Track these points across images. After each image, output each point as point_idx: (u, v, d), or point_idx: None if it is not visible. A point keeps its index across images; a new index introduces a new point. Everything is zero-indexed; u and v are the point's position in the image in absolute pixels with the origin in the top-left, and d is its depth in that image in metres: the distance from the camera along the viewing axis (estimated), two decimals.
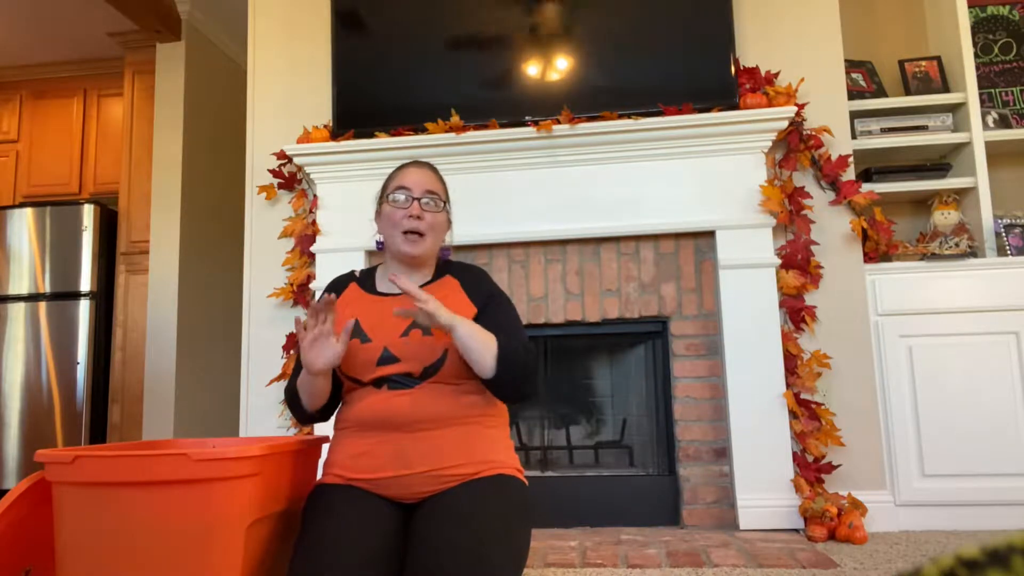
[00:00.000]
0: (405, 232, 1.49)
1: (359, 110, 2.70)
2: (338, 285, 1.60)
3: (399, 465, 1.38)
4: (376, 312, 1.49)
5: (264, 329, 2.70)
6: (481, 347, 1.36)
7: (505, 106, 2.61)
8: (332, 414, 1.57)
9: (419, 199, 1.50)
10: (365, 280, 1.60)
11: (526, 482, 1.48)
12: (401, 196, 1.50)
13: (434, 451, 1.38)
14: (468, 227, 2.53)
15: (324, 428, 2.52)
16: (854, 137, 2.67)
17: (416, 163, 1.59)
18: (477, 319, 1.49)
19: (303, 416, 1.52)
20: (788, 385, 2.39)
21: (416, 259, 1.51)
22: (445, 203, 1.56)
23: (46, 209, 3.80)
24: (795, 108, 2.42)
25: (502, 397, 1.45)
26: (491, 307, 1.51)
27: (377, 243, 1.59)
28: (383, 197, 1.55)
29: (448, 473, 1.38)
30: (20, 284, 3.74)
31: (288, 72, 2.84)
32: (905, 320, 2.42)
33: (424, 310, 1.33)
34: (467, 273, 1.58)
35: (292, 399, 1.52)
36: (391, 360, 1.42)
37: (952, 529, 2.33)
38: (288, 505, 1.43)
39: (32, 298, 3.72)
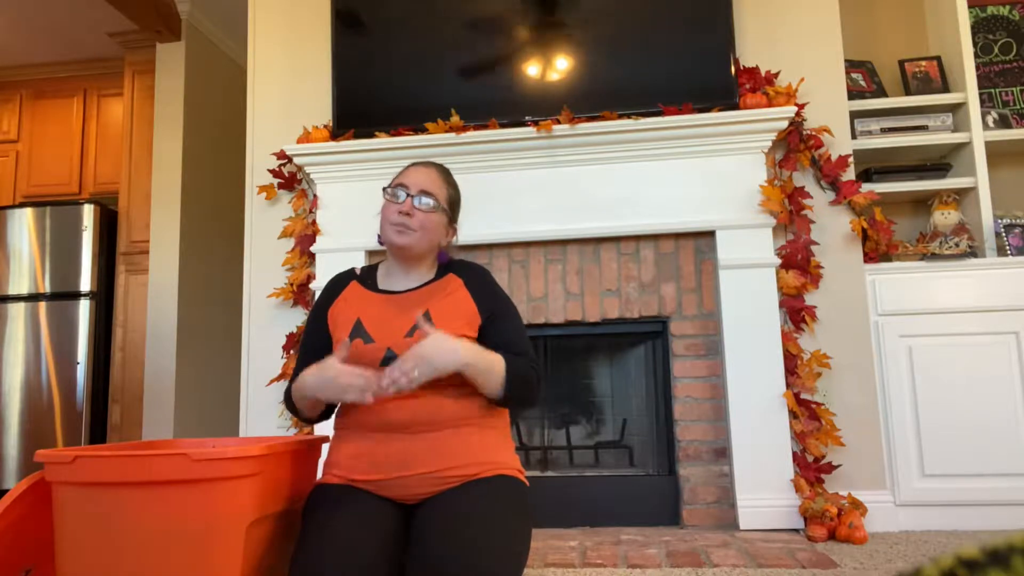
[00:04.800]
0: (393, 224, 1.49)
1: (359, 110, 2.70)
2: (338, 283, 1.59)
3: (400, 466, 1.38)
4: (379, 311, 1.48)
5: (264, 329, 2.70)
6: (487, 377, 1.38)
7: (505, 106, 2.61)
8: (331, 416, 1.58)
9: (412, 196, 1.50)
10: (366, 278, 1.58)
11: (527, 483, 1.48)
12: (397, 192, 1.51)
13: (435, 453, 1.38)
14: (468, 227, 2.53)
15: (324, 428, 2.51)
16: (854, 137, 2.67)
17: (423, 163, 1.59)
18: (483, 330, 1.49)
19: (301, 419, 1.54)
20: (788, 385, 2.39)
21: (404, 251, 1.50)
22: (443, 206, 1.54)
23: (46, 209, 3.80)
24: (795, 108, 2.42)
25: (507, 408, 1.49)
26: (497, 320, 1.51)
27: (379, 239, 1.58)
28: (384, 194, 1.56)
29: (449, 474, 1.38)
30: (20, 284, 3.74)
31: (288, 72, 2.84)
32: (905, 320, 2.42)
33: (418, 372, 1.31)
34: (470, 272, 1.56)
35: (290, 402, 1.53)
36: (394, 360, 1.42)
37: (952, 529, 2.33)
38: (288, 505, 1.43)
39: (32, 298, 3.72)
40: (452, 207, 1.59)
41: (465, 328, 1.46)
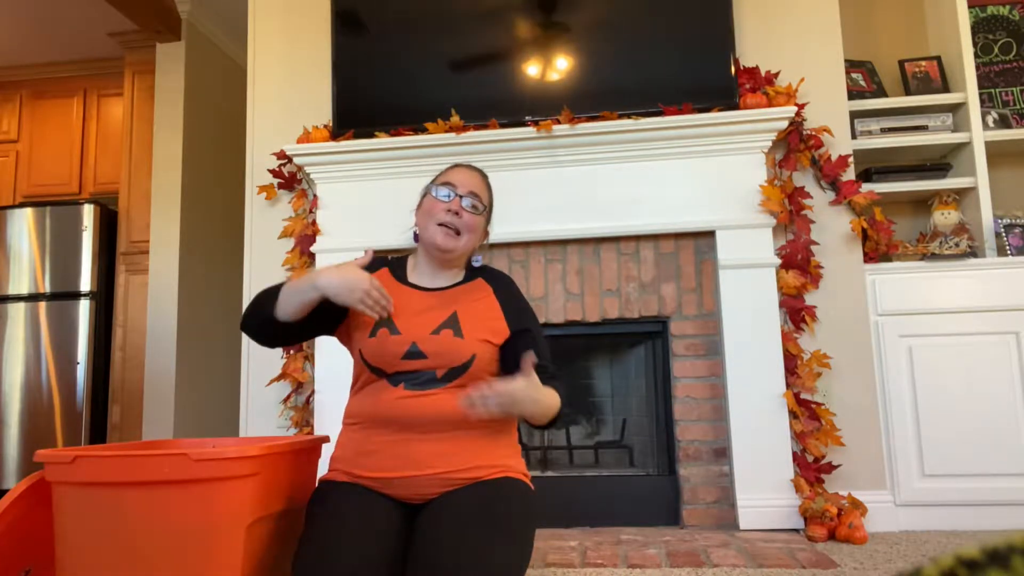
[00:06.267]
0: (440, 224, 1.48)
1: (359, 110, 2.70)
2: (370, 267, 1.56)
3: (409, 466, 1.37)
4: (408, 304, 1.48)
5: None
6: (542, 416, 1.39)
7: (505, 106, 2.61)
8: (282, 343, 1.53)
9: (462, 197, 1.50)
10: (396, 269, 1.58)
11: (532, 486, 1.48)
12: (446, 192, 1.50)
13: (444, 454, 1.37)
14: None
15: (324, 427, 2.51)
16: (854, 137, 2.67)
17: (468, 165, 1.60)
18: (508, 342, 1.49)
19: (259, 319, 1.44)
20: (788, 385, 2.39)
21: (447, 253, 1.50)
22: (486, 209, 1.55)
23: (46, 209, 3.80)
24: (795, 108, 2.42)
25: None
26: (523, 337, 1.50)
27: (414, 235, 1.57)
28: (427, 191, 1.55)
29: (456, 476, 1.38)
30: (20, 284, 3.74)
31: (288, 72, 2.84)
32: (905, 320, 2.42)
33: (498, 406, 1.27)
34: (499, 281, 1.57)
35: (263, 297, 1.45)
36: (417, 356, 1.41)
37: (952, 529, 2.33)
38: (288, 505, 1.43)
39: (32, 298, 3.72)
40: (490, 212, 1.60)
41: (490, 336, 1.46)
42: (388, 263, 1.59)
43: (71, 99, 4.36)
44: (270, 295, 1.45)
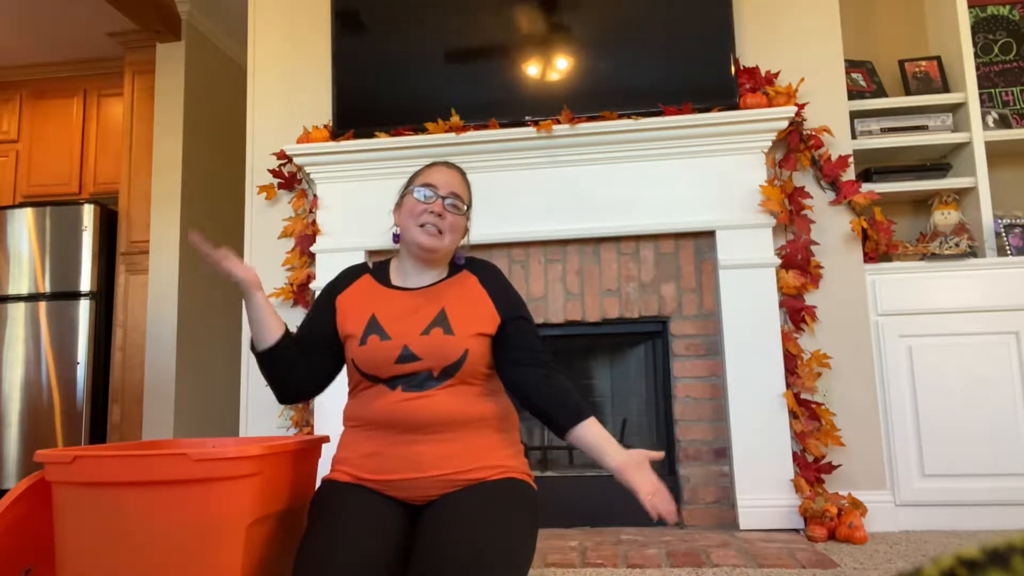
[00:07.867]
0: (423, 225, 1.47)
1: (359, 110, 2.70)
2: (350, 273, 1.57)
3: (411, 468, 1.37)
4: (394, 307, 1.47)
5: None
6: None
7: (505, 106, 2.61)
8: (305, 397, 1.54)
9: (444, 198, 1.49)
10: (378, 273, 1.57)
11: (535, 487, 1.47)
12: (426, 192, 1.49)
13: (447, 455, 1.37)
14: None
15: (324, 427, 2.51)
16: (854, 137, 2.67)
17: (446, 163, 1.58)
18: (501, 331, 1.48)
19: (261, 367, 1.49)
20: (788, 385, 2.39)
21: (430, 253, 1.49)
22: (467, 208, 1.54)
23: (46, 209, 3.80)
24: (795, 108, 2.42)
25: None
26: (519, 324, 1.49)
27: (394, 235, 1.57)
28: (406, 190, 1.54)
29: (459, 477, 1.37)
30: (20, 284, 3.74)
31: (288, 72, 2.84)
32: (905, 320, 2.42)
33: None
34: (484, 270, 1.56)
35: (252, 346, 1.50)
36: (410, 358, 1.40)
37: (952, 529, 2.33)
38: (288, 505, 1.43)
39: (32, 298, 3.72)
40: (470, 209, 1.59)
41: (481, 328, 1.45)
42: (369, 269, 1.58)
43: (71, 99, 4.36)
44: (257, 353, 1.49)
